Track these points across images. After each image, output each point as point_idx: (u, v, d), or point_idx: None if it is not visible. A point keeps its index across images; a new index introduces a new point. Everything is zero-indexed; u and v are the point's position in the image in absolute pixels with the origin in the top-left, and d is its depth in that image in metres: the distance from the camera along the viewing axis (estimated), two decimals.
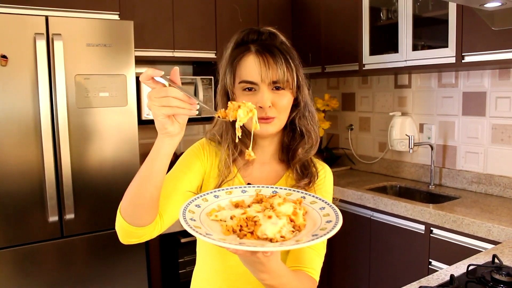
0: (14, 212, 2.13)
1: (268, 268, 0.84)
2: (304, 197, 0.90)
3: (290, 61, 1.06)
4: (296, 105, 1.13)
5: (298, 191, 0.94)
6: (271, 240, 0.75)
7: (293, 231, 0.78)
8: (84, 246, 2.32)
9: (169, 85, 0.85)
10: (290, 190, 0.95)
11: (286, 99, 1.07)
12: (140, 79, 0.86)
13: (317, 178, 1.14)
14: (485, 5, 1.30)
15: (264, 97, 1.03)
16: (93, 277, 2.35)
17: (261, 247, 0.72)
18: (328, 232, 0.74)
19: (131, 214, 0.97)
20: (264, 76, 1.03)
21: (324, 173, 1.16)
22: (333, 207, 0.86)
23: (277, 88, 1.05)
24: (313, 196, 0.92)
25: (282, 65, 1.04)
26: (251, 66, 1.04)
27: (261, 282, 0.90)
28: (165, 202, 1.03)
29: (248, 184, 1.12)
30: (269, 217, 0.79)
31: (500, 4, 1.27)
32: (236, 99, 1.08)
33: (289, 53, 1.08)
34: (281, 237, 0.76)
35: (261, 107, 1.03)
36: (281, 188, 0.95)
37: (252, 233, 0.77)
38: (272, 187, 0.97)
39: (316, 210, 0.86)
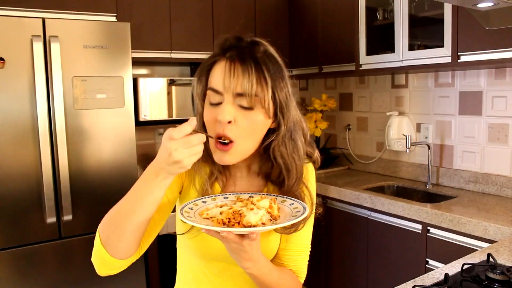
0: (12, 214, 2.14)
1: (251, 256, 0.89)
2: (276, 198, 0.99)
3: (265, 73, 0.91)
4: (275, 129, 0.98)
5: (270, 195, 1.01)
6: (254, 227, 0.87)
7: (270, 220, 0.91)
8: (82, 247, 2.32)
9: (193, 131, 0.83)
10: (263, 194, 1.02)
11: (250, 120, 0.92)
12: (177, 136, 0.80)
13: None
14: (477, 5, 1.31)
15: (224, 110, 0.90)
16: (91, 278, 2.35)
17: (248, 229, 0.84)
18: (298, 218, 0.88)
19: (115, 247, 0.91)
20: (227, 85, 0.90)
21: (306, 170, 1.08)
22: (300, 202, 0.98)
23: (245, 108, 0.91)
24: (283, 197, 1.01)
25: (251, 75, 0.89)
26: (219, 73, 0.93)
27: (245, 270, 0.93)
28: (146, 233, 0.98)
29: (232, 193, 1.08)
30: (251, 209, 0.89)
31: (492, 4, 1.28)
32: (204, 111, 0.97)
33: (267, 65, 0.92)
34: (262, 223, 0.88)
35: (219, 121, 0.90)
36: (256, 194, 1.03)
37: (239, 223, 0.87)
38: (249, 193, 1.04)
39: (287, 206, 0.97)
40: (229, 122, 0.90)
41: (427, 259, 2.18)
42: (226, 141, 0.91)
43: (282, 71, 0.96)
